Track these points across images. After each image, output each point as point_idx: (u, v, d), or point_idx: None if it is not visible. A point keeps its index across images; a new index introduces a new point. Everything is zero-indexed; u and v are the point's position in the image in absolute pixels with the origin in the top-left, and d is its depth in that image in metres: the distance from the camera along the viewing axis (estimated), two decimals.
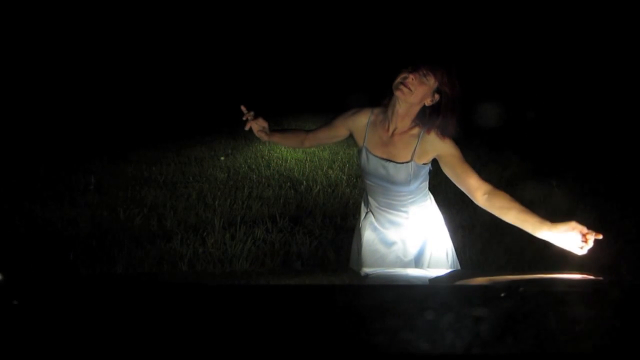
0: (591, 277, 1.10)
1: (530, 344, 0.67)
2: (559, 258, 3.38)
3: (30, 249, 3.36)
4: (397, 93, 1.61)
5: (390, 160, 1.72)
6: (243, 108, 1.83)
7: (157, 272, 2.74)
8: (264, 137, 1.83)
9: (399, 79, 1.61)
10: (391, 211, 1.83)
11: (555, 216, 1.50)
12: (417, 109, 1.67)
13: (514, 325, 0.72)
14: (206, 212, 4.25)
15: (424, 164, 1.71)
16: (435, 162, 1.75)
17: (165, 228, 3.88)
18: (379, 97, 1.81)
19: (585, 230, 1.37)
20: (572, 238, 1.39)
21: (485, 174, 6.03)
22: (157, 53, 14.29)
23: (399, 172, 1.71)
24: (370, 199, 1.89)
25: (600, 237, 1.35)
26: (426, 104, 1.65)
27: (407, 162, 1.69)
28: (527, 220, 1.51)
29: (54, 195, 4.73)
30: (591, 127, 8.02)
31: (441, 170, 1.71)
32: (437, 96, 1.63)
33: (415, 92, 1.60)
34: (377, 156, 1.75)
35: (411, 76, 1.59)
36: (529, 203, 1.59)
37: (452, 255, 1.90)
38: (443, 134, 1.65)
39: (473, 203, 1.62)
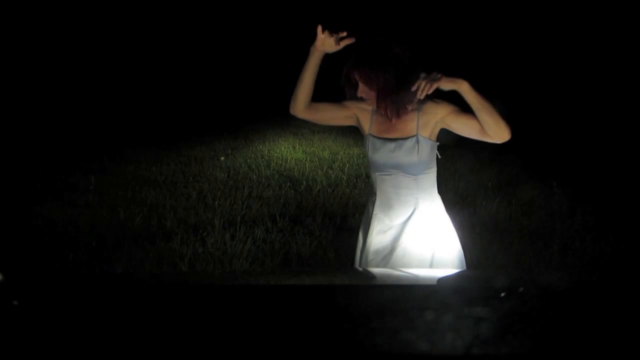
0: (591, 276, 1.10)
1: (530, 344, 0.67)
2: (559, 258, 3.39)
3: (30, 249, 3.36)
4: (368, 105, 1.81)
5: (397, 139, 1.79)
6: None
7: (157, 272, 2.74)
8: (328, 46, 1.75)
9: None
10: (401, 203, 1.83)
11: (556, 217, 1.50)
12: (397, 96, 1.71)
13: (514, 325, 0.72)
14: (206, 212, 4.25)
15: (429, 138, 1.78)
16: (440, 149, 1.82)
17: (165, 228, 3.88)
18: None
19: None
20: None
21: (485, 174, 5.98)
22: (157, 53, 14.29)
23: (406, 148, 1.76)
24: (378, 195, 1.88)
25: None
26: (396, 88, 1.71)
27: (413, 136, 1.76)
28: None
29: (54, 195, 4.73)
30: (592, 127, 8.02)
31: (441, 171, 1.72)
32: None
33: (370, 96, 1.73)
34: (382, 138, 1.81)
35: (359, 90, 1.72)
36: (529, 203, 1.60)
37: (461, 256, 1.91)
38: (433, 99, 1.76)
39: (472, 203, 1.64)
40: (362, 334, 0.69)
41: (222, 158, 6.68)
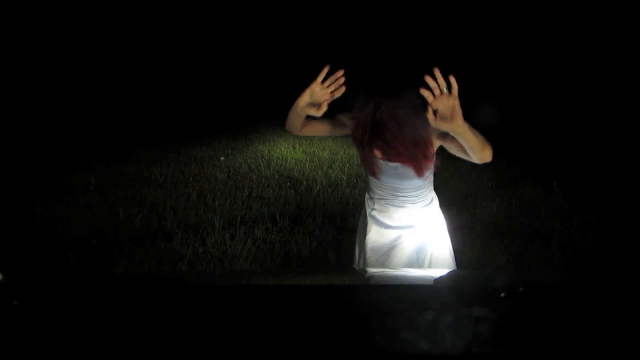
0: (591, 276, 1.10)
1: (530, 344, 0.67)
2: (559, 258, 3.39)
3: (30, 249, 3.36)
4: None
5: None
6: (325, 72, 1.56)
7: (157, 272, 2.74)
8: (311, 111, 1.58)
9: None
10: (398, 205, 1.84)
11: (556, 217, 1.50)
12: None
13: (514, 325, 0.72)
14: (206, 212, 4.25)
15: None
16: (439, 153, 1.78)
17: (165, 228, 3.88)
18: None
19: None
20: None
21: (485, 174, 5.96)
22: (157, 54, 14.29)
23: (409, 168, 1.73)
24: (376, 196, 1.89)
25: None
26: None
27: None
28: None
29: (54, 195, 4.73)
30: (591, 128, 8.02)
31: (441, 171, 1.72)
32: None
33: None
34: (384, 159, 1.76)
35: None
36: (529, 203, 1.59)
37: (452, 255, 1.91)
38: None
39: (472, 203, 1.63)
40: (362, 334, 0.69)
41: (222, 158, 6.68)
